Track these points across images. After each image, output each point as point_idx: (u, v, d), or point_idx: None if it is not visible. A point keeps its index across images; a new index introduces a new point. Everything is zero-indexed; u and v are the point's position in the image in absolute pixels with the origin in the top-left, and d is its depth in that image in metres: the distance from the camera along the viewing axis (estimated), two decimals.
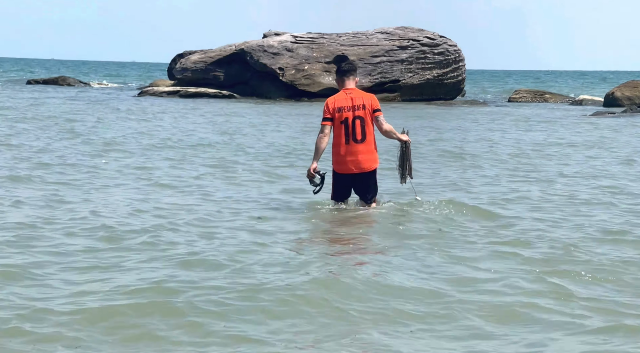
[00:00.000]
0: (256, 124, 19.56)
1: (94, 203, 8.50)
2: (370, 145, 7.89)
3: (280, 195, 9.41)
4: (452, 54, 33.40)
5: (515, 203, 8.97)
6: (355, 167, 7.89)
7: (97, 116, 20.84)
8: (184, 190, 9.59)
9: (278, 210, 8.39)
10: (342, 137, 7.86)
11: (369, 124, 7.87)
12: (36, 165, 11.37)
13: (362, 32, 33.72)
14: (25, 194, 8.89)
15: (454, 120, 22.45)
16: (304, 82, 31.16)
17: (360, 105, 7.85)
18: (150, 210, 8.20)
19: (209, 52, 34.35)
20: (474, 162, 12.97)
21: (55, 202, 8.53)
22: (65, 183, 9.85)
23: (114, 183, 10.05)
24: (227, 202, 8.79)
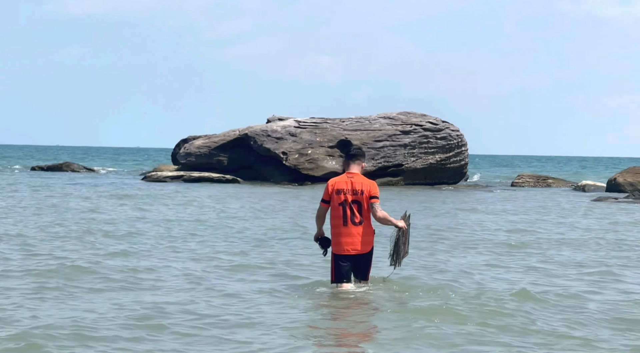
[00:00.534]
0: (258, 208, 19.51)
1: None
2: (367, 228, 8.12)
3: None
4: (454, 138, 33.65)
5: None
6: (352, 249, 8.10)
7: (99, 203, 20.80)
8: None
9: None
10: (340, 219, 8.11)
11: (366, 209, 8.09)
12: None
13: (365, 117, 34.07)
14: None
15: (455, 204, 22.40)
16: (308, 166, 31.28)
17: (359, 190, 8.09)
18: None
19: (213, 137, 34.63)
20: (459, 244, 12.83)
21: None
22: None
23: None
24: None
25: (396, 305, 7.78)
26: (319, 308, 7.74)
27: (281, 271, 9.71)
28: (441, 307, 7.46)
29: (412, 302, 7.89)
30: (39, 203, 19.17)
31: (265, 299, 7.93)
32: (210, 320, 6.89)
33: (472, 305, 7.58)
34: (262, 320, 6.97)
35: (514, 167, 72.54)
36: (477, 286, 8.79)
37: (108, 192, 24.09)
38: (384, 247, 8.93)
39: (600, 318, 7.27)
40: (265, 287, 8.57)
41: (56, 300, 7.55)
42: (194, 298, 7.77)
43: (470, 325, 6.84)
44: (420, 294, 8.28)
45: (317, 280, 9.00)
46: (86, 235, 12.71)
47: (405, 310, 7.54)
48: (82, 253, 10.67)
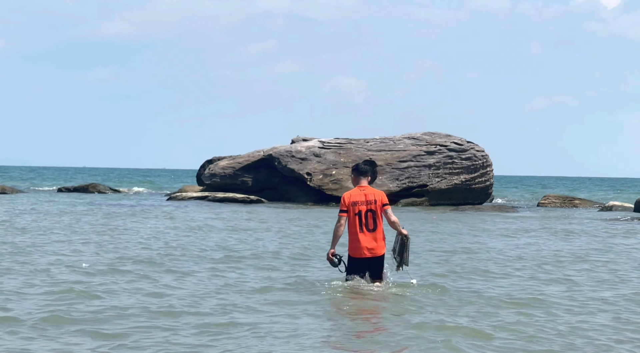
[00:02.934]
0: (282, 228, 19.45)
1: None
2: (380, 233, 9.22)
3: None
4: (479, 159, 33.47)
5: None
6: (368, 252, 9.19)
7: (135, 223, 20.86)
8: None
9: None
10: (356, 226, 9.19)
11: (379, 216, 9.22)
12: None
13: (389, 137, 34.00)
14: None
15: (477, 224, 22.19)
16: (332, 187, 31.24)
17: (372, 200, 9.22)
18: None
19: (238, 158, 34.75)
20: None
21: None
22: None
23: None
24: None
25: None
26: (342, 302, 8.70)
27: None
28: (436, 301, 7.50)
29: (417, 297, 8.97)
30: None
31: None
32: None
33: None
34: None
35: (545, 188, 71.92)
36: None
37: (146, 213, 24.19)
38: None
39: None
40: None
41: None
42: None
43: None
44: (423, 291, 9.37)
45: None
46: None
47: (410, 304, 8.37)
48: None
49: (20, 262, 11.47)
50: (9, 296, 8.60)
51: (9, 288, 9.13)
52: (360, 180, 9.43)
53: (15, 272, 10.52)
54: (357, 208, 9.19)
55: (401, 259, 9.35)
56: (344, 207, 9.25)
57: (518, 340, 6.95)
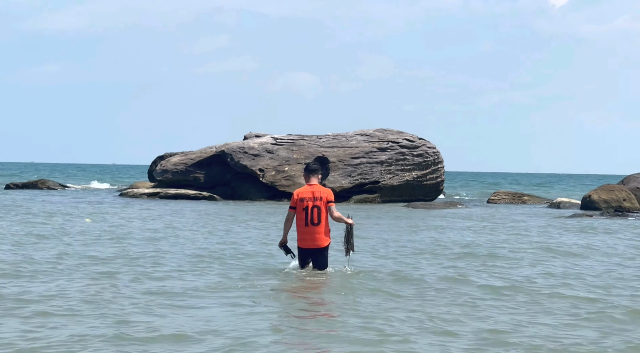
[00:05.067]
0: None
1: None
2: (323, 227, 10.14)
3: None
4: (431, 155, 33.82)
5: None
6: (312, 244, 10.18)
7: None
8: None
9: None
10: (303, 220, 10.13)
11: (324, 212, 10.12)
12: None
13: (342, 134, 34.15)
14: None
15: (425, 220, 22.48)
16: (284, 183, 31.28)
17: (319, 197, 10.12)
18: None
19: (190, 154, 34.55)
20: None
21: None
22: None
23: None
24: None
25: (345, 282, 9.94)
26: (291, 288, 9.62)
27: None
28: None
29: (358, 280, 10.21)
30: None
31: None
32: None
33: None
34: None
35: (497, 185, 72.95)
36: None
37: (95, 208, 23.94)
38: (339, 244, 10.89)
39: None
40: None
41: None
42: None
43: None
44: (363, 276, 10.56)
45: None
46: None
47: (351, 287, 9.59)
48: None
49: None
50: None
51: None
52: (311, 179, 10.32)
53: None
54: (304, 204, 10.09)
55: (347, 245, 10.37)
56: (293, 204, 10.20)
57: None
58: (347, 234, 10.36)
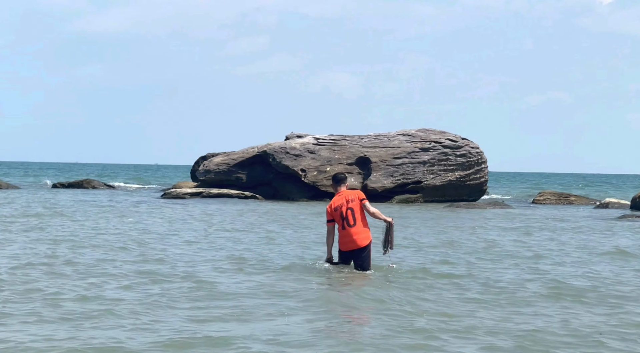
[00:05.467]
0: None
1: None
2: (360, 227, 10.27)
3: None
4: (474, 155, 33.46)
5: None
6: (352, 245, 10.29)
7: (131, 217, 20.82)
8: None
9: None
10: (340, 225, 10.34)
11: (358, 212, 10.29)
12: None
13: (383, 133, 33.95)
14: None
15: (468, 221, 22.17)
16: (326, 183, 31.17)
17: (350, 199, 10.35)
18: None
19: (232, 154, 34.65)
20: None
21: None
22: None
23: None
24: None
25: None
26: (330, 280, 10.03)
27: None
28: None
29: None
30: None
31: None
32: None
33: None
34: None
35: (542, 185, 72.00)
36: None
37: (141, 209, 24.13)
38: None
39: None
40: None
41: None
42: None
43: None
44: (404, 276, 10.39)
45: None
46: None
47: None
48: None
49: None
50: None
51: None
52: (339, 188, 10.57)
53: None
54: (339, 211, 10.33)
55: (386, 243, 10.41)
56: (329, 217, 10.45)
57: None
58: (386, 232, 10.44)
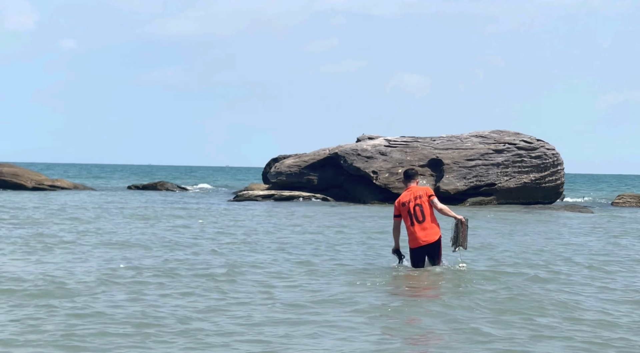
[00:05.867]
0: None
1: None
2: (429, 223, 10.30)
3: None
4: (550, 157, 32.74)
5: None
6: (422, 241, 10.33)
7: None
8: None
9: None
10: (408, 221, 10.40)
11: (426, 208, 10.33)
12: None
13: (456, 135, 33.52)
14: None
15: (553, 225, 21.64)
16: (398, 186, 30.90)
17: (419, 195, 10.40)
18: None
19: (303, 156, 34.71)
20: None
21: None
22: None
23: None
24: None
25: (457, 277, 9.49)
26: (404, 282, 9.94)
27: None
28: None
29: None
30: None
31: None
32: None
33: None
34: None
35: (618, 186, 70.13)
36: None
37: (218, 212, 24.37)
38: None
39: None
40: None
41: None
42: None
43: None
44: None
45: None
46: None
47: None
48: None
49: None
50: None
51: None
52: (409, 183, 10.63)
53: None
54: (407, 207, 10.37)
55: (455, 241, 10.34)
56: (396, 212, 10.53)
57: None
58: (456, 229, 10.40)
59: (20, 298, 8.38)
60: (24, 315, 7.57)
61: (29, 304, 8.10)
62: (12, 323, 7.19)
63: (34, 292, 8.75)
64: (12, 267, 10.77)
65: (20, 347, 6.39)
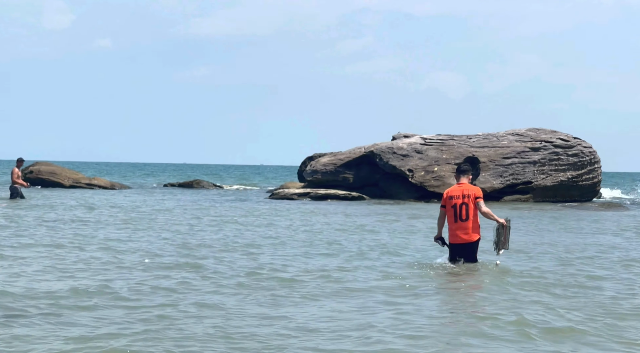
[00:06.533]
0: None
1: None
2: (472, 223, 10.53)
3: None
4: (587, 155, 32.56)
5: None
6: (462, 239, 10.59)
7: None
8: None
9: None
10: (452, 217, 10.63)
11: (472, 208, 10.54)
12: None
13: (492, 133, 33.46)
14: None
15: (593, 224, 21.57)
16: (434, 184, 30.97)
17: (467, 194, 10.58)
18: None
19: (339, 155, 34.85)
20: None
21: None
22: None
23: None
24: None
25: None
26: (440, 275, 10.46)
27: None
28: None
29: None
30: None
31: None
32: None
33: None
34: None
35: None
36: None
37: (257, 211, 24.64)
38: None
39: None
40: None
41: None
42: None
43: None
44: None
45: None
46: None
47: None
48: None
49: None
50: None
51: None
52: (461, 178, 10.81)
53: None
54: (453, 201, 10.58)
55: (497, 245, 10.69)
56: (443, 202, 10.76)
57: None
58: (498, 232, 10.69)
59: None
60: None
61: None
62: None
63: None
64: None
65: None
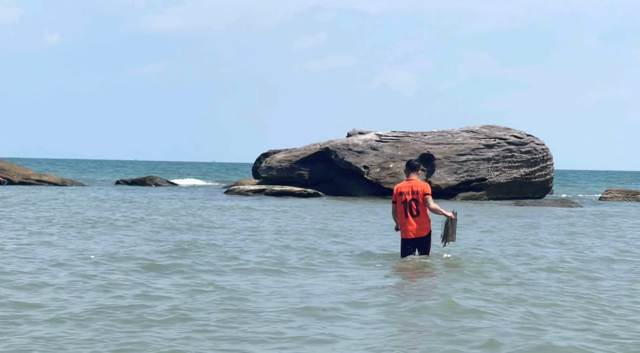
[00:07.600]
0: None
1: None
2: (422, 218, 10.73)
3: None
4: (539, 152, 32.92)
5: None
6: (412, 234, 10.80)
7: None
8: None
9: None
10: (402, 213, 10.82)
11: (422, 204, 10.74)
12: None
13: (447, 130, 33.63)
14: None
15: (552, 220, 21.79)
16: (389, 180, 31.01)
17: (416, 191, 10.74)
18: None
19: (294, 151, 34.71)
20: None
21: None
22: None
23: None
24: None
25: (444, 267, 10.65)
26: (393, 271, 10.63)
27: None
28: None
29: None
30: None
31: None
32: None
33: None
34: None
35: (605, 182, 70.54)
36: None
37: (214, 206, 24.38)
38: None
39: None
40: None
41: None
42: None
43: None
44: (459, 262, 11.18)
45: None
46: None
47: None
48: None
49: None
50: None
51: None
52: (411, 174, 10.93)
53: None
54: (403, 197, 10.74)
55: (445, 237, 10.98)
56: (394, 198, 10.93)
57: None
58: (446, 226, 10.95)
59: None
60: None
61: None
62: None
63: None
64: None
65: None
